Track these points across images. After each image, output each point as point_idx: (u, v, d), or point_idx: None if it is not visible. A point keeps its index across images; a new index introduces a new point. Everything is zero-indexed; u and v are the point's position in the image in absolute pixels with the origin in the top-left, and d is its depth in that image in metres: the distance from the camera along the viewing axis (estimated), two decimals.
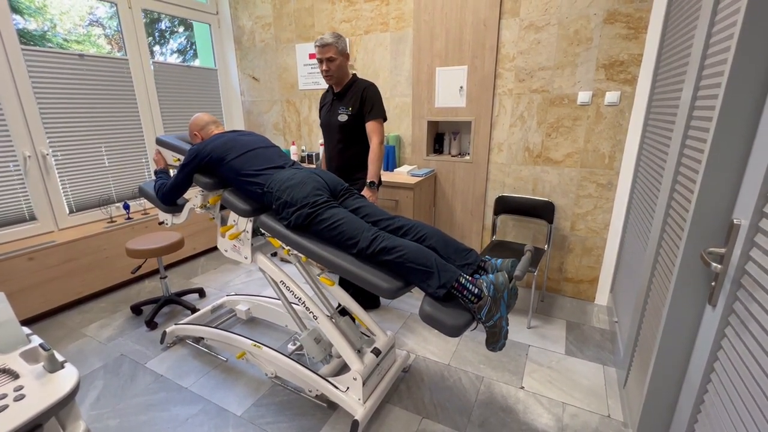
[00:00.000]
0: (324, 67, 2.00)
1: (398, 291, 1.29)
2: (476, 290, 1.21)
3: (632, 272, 1.86)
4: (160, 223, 2.01)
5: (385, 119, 2.09)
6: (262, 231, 1.65)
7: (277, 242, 1.60)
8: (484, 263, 1.38)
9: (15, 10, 2.48)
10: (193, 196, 1.80)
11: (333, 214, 1.41)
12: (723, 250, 0.86)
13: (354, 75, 2.11)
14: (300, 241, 1.44)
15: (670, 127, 1.51)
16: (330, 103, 2.15)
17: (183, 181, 1.69)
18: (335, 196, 1.57)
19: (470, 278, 1.25)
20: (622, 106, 2.20)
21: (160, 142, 1.90)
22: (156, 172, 1.88)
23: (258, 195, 1.55)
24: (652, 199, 1.64)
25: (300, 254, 1.53)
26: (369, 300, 2.45)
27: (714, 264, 0.85)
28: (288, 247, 1.57)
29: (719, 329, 0.88)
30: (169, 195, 1.75)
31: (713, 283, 0.90)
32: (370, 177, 2.02)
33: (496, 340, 1.23)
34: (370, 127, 2.04)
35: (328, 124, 2.16)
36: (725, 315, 0.87)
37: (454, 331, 1.18)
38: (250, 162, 1.58)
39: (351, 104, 2.05)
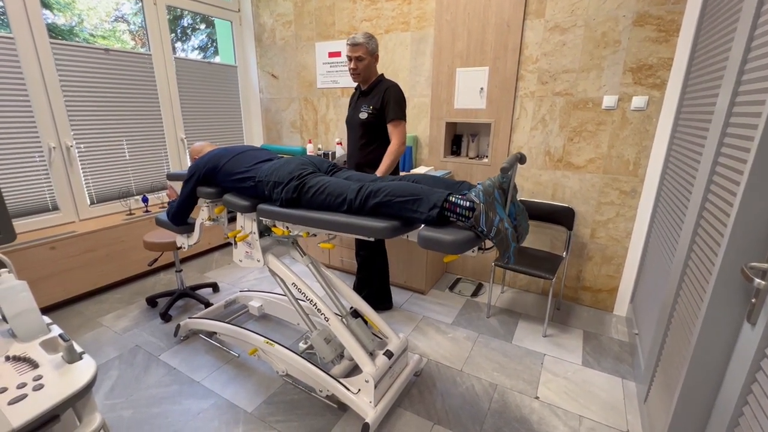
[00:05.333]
0: (352, 65, 2.04)
1: (396, 230, 1.27)
2: (468, 203, 1.17)
3: (656, 284, 1.79)
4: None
5: (404, 119, 2.09)
6: (267, 225, 1.66)
7: (279, 230, 1.61)
8: None
9: (45, 5, 2.54)
10: (201, 210, 1.87)
11: (319, 180, 1.45)
12: (766, 266, 0.81)
13: (381, 75, 2.14)
14: (293, 212, 1.45)
15: (702, 134, 1.45)
16: (355, 101, 2.20)
17: (188, 197, 1.78)
18: (322, 172, 1.61)
19: (460, 195, 1.21)
20: (650, 111, 2.13)
21: (170, 176, 1.99)
22: (169, 203, 1.97)
23: (252, 188, 1.59)
24: (680, 209, 1.58)
25: (299, 230, 1.56)
26: (381, 301, 2.43)
27: (757, 280, 0.81)
28: (288, 228, 1.59)
29: (759, 349, 0.83)
30: (178, 213, 1.86)
31: (753, 300, 0.85)
32: (379, 172, 2.01)
33: (506, 246, 1.15)
34: (390, 128, 2.06)
35: (351, 121, 2.20)
36: (767, 334, 0.82)
37: (455, 246, 1.13)
38: (240, 162, 1.66)
39: (373, 102, 2.07)
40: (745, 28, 1.10)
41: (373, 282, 2.37)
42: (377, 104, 2.06)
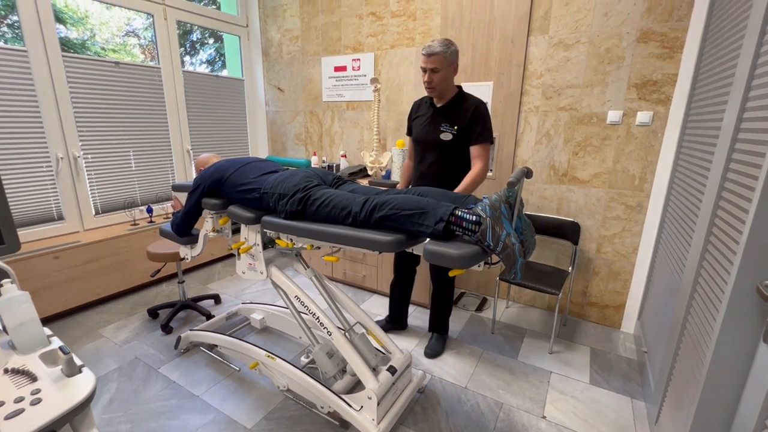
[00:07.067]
0: (426, 78, 1.80)
1: (401, 243, 1.25)
2: (474, 217, 1.15)
3: (664, 301, 1.76)
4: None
5: (492, 142, 1.91)
6: (271, 237, 1.66)
7: (283, 242, 1.60)
8: None
9: (59, 20, 2.60)
10: (205, 222, 1.87)
11: (324, 192, 1.44)
12: None
13: (460, 89, 1.91)
14: (298, 225, 1.45)
15: (710, 149, 1.44)
16: (429, 116, 1.93)
17: (193, 208, 1.77)
18: (327, 184, 1.61)
19: (466, 210, 1.20)
20: (655, 126, 2.13)
21: (175, 187, 1.99)
22: (173, 214, 1.98)
23: (257, 200, 1.59)
24: (689, 224, 1.56)
25: (303, 243, 1.55)
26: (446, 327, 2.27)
27: None
28: (292, 240, 1.58)
29: None
30: (182, 224, 1.84)
31: None
32: (459, 189, 1.78)
33: (512, 262, 1.14)
34: (477, 150, 1.83)
35: (426, 141, 1.94)
36: None
37: (462, 260, 1.11)
38: (245, 173, 1.66)
39: (458, 122, 1.83)
40: (751, 44, 1.11)
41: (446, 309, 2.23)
42: (463, 124, 1.82)
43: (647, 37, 2.06)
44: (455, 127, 1.84)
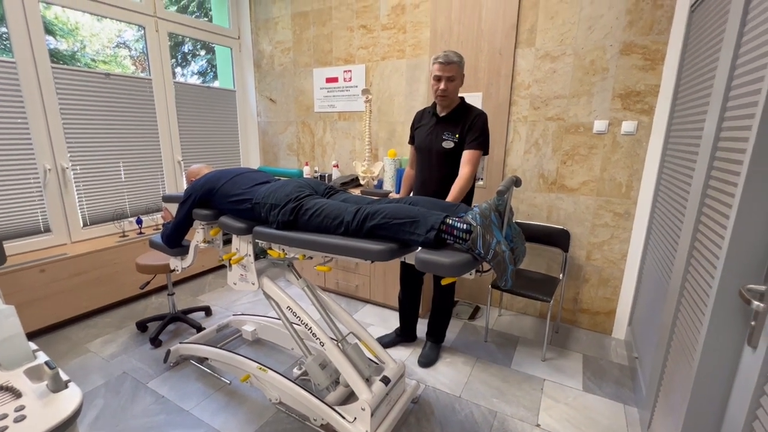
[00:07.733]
0: (442, 86, 1.82)
1: (393, 252, 1.25)
2: (465, 226, 1.17)
3: (653, 306, 1.79)
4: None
5: (486, 153, 1.94)
6: (263, 248, 1.65)
7: (275, 252, 1.59)
8: None
9: (49, 31, 2.60)
10: (196, 233, 1.85)
11: (316, 202, 1.44)
12: (764, 288, 0.81)
13: (462, 99, 1.95)
14: (290, 235, 1.44)
15: (692, 157, 1.49)
16: (432, 125, 1.98)
17: (183, 219, 1.76)
18: (319, 194, 1.61)
19: (457, 218, 1.21)
20: (639, 135, 2.18)
21: (166, 198, 1.98)
22: (164, 225, 1.96)
23: (248, 211, 1.58)
24: (674, 230, 1.59)
25: (295, 253, 1.54)
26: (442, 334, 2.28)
27: (755, 302, 0.81)
28: (284, 250, 1.57)
29: (762, 373, 0.82)
30: (173, 235, 1.83)
31: (753, 323, 0.85)
32: (450, 198, 1.81)
33: (503, 269, 1.15)
34: (466, 156, 1.87)
35: (428, 149, 1.98)
36: None
37: (453, 268, 1.13)
38: (237, 184, 1.66)
39: (459, 131, 1.89)
40: (728, 57, 1.15)
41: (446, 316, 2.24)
42: (463, 132, 1.88)
43: (630, 49, 2.12)
44: (456, 135, 1.90)
